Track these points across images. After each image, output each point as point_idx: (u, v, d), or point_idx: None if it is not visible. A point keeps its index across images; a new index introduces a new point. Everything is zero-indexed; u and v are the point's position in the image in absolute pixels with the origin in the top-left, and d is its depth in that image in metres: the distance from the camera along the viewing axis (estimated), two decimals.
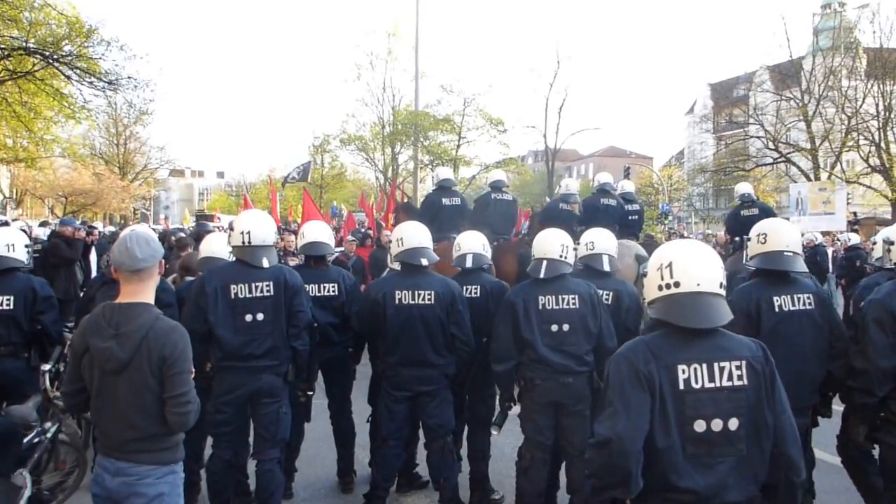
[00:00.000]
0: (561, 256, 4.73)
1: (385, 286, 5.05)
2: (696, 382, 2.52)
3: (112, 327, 3.08)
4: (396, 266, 5.20)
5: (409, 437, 5.29)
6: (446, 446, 5.02)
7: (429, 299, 4.89)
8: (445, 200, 9.19)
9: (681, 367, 2.53)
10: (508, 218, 9.76)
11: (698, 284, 2.61)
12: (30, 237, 8.98)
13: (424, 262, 4.97)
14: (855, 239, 15.43)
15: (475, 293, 5.26)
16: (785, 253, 4.23)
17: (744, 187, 10.77)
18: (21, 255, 5.11)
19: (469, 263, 5.29)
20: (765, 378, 2.59)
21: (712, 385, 2.53)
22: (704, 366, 2.54)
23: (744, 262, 4.62)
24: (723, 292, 2.66)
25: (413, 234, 5.05)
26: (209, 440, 5.39)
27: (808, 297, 4.20)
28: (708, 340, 2.59)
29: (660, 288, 2.67)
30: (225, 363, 4.66)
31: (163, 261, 3.37)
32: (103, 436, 3.18)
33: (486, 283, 5.32)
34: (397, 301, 4.90)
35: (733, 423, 2.52)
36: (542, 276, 4.67)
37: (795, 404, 4.02)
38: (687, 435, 2.51)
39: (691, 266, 2.64)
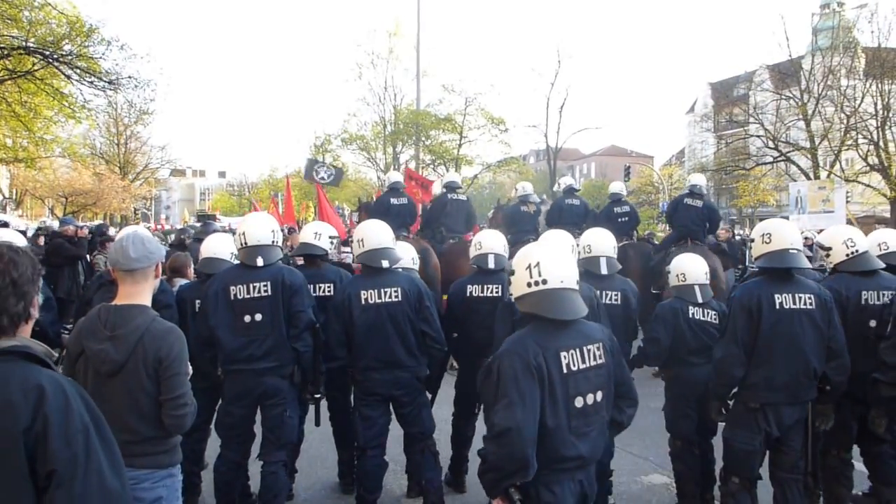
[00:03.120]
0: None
1: (350, 288, 4.93)
2: (574, 365, 2.96)
3: (108, 329, 3.06)
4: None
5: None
6: (427, 449, 4.94)
7: (396, 296, 4.78)
8: (394, 200, 10.02)
9: (563, 354, 2.94)
10: (463, 217, 10.58)
11: (562, 281, 3.03)
12: (26, 237, 8.99)
13: (385, 263, 4.86)
14: None
15: (496, 292, 5.22)
16: (790, 251, 4.31)
17: (617, 185, 11.80)
18: None
19: (491, 265, 5.27)
20: (613, 354, 3.13)
21: (584, 366, 2.99)
22: (577, 350, 2.99)
23: (748, 262, 4.75)
24: (577, 287, 3.11)
25: (373, 235, 4.95)
26: (209, 442, 5.43)
27: (810, 298, 4.27)
28: (574, 328, 3.04)
29: (528, 285, 3.05)
30: (229, 366, 4.67)
31: (160, 263, 3.35)
32: None
33: (506, 282, 5.27)
34: (363, 301, 4.79)
35: (599, 396, 3.04)
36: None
37: (795, 399, 4.27)
38: (570, 411, 2.94)
39: (556, 266, 3.06)
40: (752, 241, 4.53)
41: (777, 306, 4.24)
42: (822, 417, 4.47)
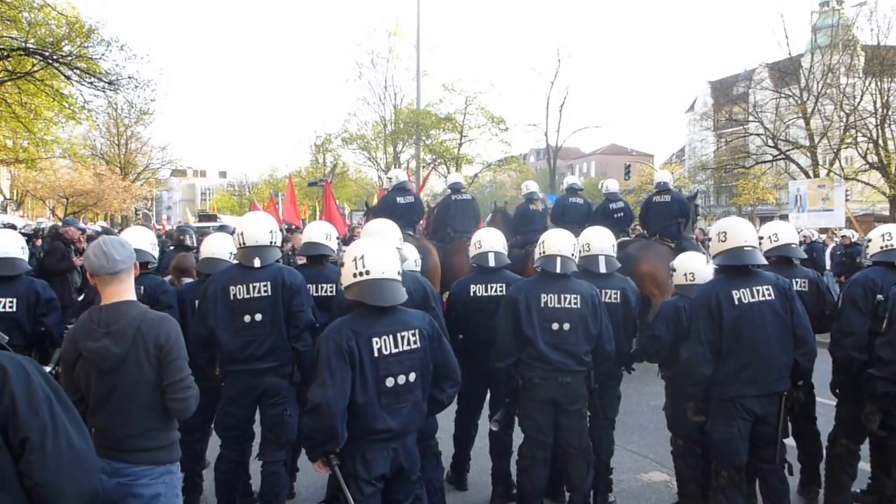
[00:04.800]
0: (572, 255, 4.82)
1: None
2: (386, 350, 3.37)
3: (102, 327, 3.11)
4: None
5: None
6: (430, 449, 4.86)
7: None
8: (400, 199, 10.09)
9: (374, 339, 3.35)
10: (469, 216, 10.73)
11: (383, 272, 3.43)
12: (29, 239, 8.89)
13: None
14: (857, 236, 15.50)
15: (500, 291, 5.22)
16: (745, 248, 4.45)
17: (611, 183, 11.96)
18: (23, 258, 5.09)
19: (492, 263, 5.28)
20: (432, 339, 3.54)
21: (397, 350, 3.40)
22: (391, 336, 3.39)
23: (707, 262, 4.92)
24: (400, 278, 3.51)
25: (381, 235, 4.85)
26: (210, 441, 5.46)
27: (768, 289, 4.39)
28: (392, 315, 3.45)
29: (354, 275, 3.44)
30: (229, 367, 4.67)
31: (137, 263, 3.42)
32: (100, 436, 3.17)
33: (510, 281, 5.29)
34: None
35: (412, 377, 3.44)
36: (557, 271, 4.72)
37: (763, 391, 4.36)
38: (381, 390, 3.36)
39: (377, 258, 3.45)
40: (710, 239, 4.67)
41: (736, 302, 4.36)
42: (796, 400, 4.59)
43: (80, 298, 5.41)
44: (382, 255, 3.51)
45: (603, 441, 5.19)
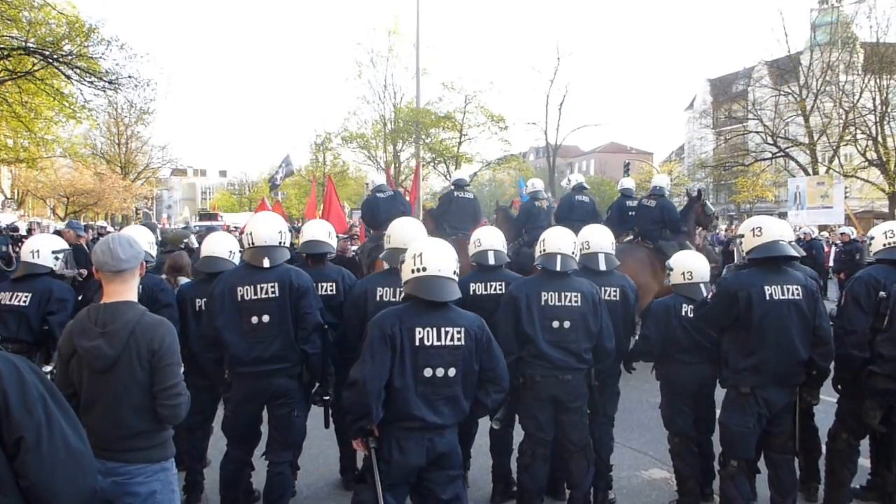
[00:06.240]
0: (573, 253, 4.83)
1: (368, 283, 4.96)
2: (428, 341, 3.52)
3: (98, 326, 3.11)
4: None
5: None
6: None
7: None
8: (379, 195, 10.17)
9: (417, 329, 3.52)
10: (469, 214, 10.65)
11: (439, 270, 3.59)
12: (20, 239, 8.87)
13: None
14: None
15: (500, 289, 5.19)
16: (780, 242, 4.51)
17: (628, 182, 11.96)
18: (46, 260, 5.18)
19: (491, 261, 5.26)
20: (479, 341, 3.64)
21: (439, 343, 3.53)
22: (434, 329, 3.54)
23: (737, 257, 4.93)
24: (455, 277, 3.67)
25: (399, 234, 4.83)
26: (212, 440, 5.48)
27: (797, 289, 4.48)
28: (441, 311, 3.59)
29: (412, 271, 3.62)
30: (236, 369, 4.64)
31: (144, 262, 3.44)
32: (93, 436, 3.15)
33: (509, 279, 5.27)
34: (378, 298, 4.77)
35: (451, 371, 3.55)
36: (557, 268, 4.72)
37: (783, 383, 4.50)
38: (419, 379, 3.50)
39: (435, 257, 3.63)
40: (742, 236, 4.71)
41: (767, 297, 4.42)
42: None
43: (80, 297, 5.40)
44: (440, 253, 3.68)
45: (603, 438, 5.19)
